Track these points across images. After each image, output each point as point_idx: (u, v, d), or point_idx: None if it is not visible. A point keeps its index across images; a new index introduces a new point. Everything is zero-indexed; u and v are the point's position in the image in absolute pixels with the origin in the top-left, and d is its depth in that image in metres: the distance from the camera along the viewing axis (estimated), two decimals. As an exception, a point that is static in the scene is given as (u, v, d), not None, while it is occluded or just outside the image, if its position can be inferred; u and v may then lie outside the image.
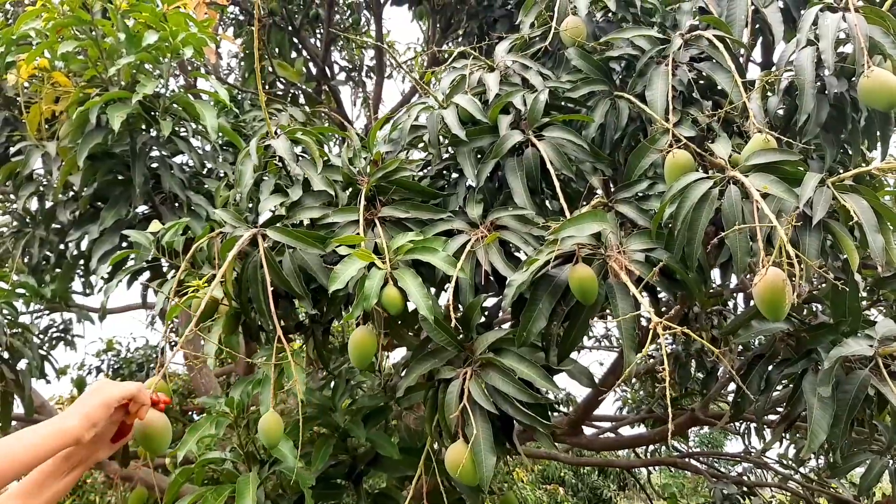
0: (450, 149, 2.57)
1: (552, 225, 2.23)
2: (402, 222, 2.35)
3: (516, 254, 2.32)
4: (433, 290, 2.36)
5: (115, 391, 1.47)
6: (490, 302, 2.43)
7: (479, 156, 2.46)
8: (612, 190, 2.40)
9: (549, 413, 2.14)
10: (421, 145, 2.75)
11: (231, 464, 2.55)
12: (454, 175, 2.64)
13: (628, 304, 1.99)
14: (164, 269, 3.60)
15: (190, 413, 6.05)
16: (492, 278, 2.18)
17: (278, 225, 2.29)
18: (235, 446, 2.57)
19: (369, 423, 2.63)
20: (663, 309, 3.13)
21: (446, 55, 4.05)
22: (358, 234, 2.20)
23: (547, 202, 2.55)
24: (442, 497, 2.34)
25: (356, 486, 2.64)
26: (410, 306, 2.15)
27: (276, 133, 2.53)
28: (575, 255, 2.02)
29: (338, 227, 2.32)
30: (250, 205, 2.50)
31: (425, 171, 2.68)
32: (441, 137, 2.54)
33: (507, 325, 2.43)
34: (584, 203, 2.41)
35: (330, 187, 2.39)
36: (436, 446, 2.32)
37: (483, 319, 2.36)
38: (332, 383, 2.85)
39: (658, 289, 2.37)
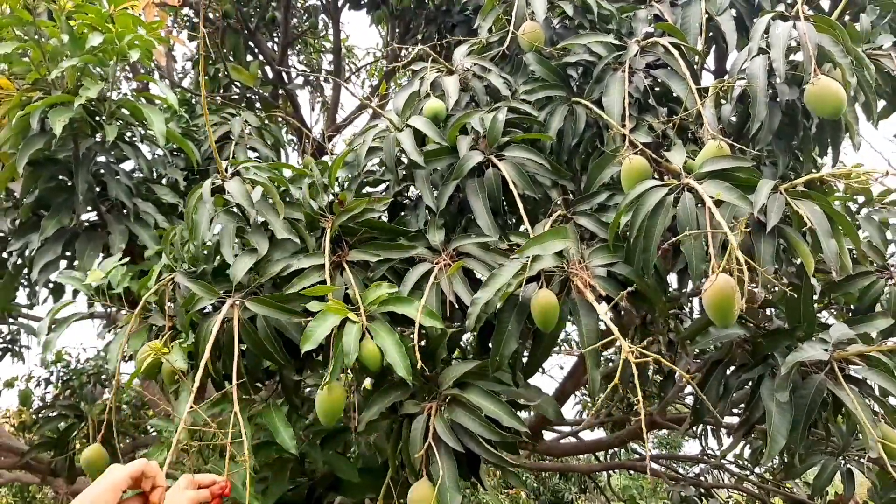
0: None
1: (514, 240, 2.20)
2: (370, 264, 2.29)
3: (480, 279, 2.27)
4: (404, 329, 2.30)
5: (122, 471, 1.45)
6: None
7: (441, 176, 2.42)
8: (571, 200, 2.38)
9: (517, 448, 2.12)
10: (377, 161, 2.68)
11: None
12: (415, 193, 2.58)
13: (592, 320, 1.99)
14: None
15: (143, 426, 5.89)
16: (457, 307, 2.14)
17: (255, 295, 2.20)
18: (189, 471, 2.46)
19: (327, 445, 2.55)
20: (622, 312, 3.14)
21: (405, 60, 4.00)
22: (324, 280, 2.12)
23: (508, 219, 2.51)
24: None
25: (315, 509, 2.56)
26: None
27: (227, 172, 2.36)
28: (539, 273, 2.00)
29: (304, 272, 2.21)
30: (206, 252, 2.36)
31: (384, 192, 2.61)
32: (398, 158, 2.48)
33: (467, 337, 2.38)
34: (543, 213, 2.39)
35: (295, 235, 2.27)
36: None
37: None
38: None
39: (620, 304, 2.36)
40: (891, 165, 2.55)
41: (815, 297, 2.27)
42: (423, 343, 2.01)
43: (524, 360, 2.20)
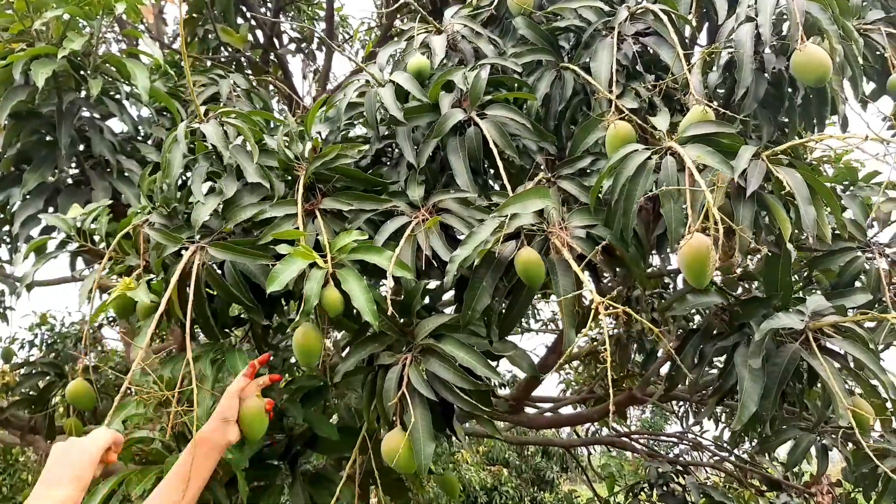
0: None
1: (495, 199, 2.19)
2: (344, 214, 2.25)
3: (459, 237, 2.25)
4: (378, 280, 2.29)
5: (97, 449, 1.53)
6: (432, 283, 2.38)
7: (423, 133, 2.40)
8: (555, 165, 2.38)
9: (491, 397, 2.12)
10: (360, 121, 2.65)
11: (160, 443, 2.44)
12: (396, 151, 2.55)
13: (570, 280, 1.98)
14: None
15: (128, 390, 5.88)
16: (434, 262, 2.13)
17: (219, 241, 2.17)
18: (164, 426, 2.47)
19: (307, 403, 2.55)
20: (601, 282, 3.14)
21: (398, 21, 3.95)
22: (297, 227, 2.10)
23: (490, 180, 2.50)
24: (377, 478, 2.31)
25: (292, 466, 2.57)
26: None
27: (205, 115, 2.36)
28: (518, 231, 1.99)
29: (276, 220, 2.19)
30: (180, 194, 2.34)
31: (365, 149, 2.59)
32: (380, 115, 2.45)
33: (449, 309, 2.37)
34: (528, 180, 2.38)
35: (265, 179, 2.24)
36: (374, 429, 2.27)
37: (426, 302, 2.31)
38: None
39: (599, 269, 2.36)
40: (869, 127, 2.55)
41: (794, 267, 2.28)
42: (398, 295, 2.01)
43: (500, 317, 2.19)
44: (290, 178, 2.33)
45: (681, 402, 5.94)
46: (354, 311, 1.96)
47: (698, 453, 6.39)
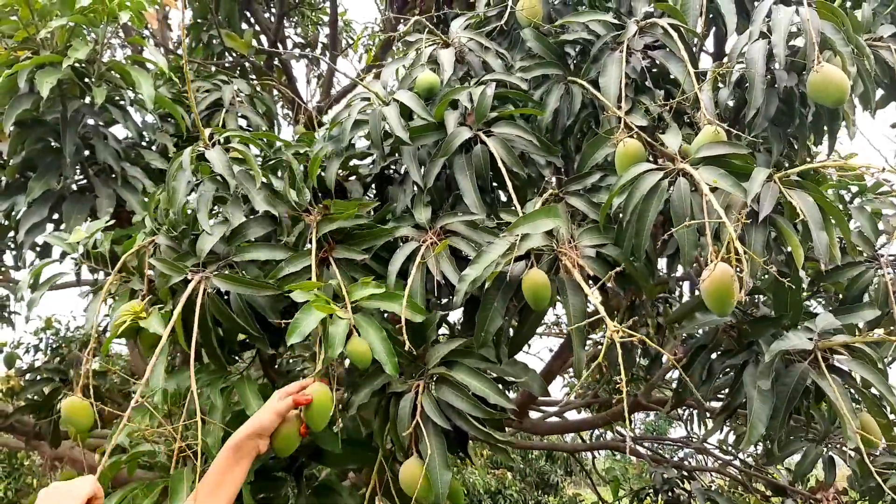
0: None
1: (504, 217, 2.18)
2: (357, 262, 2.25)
3: (466, 256, 2.23)
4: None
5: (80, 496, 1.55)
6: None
7: (428, 152, 2.38)
8: (564, 180, 2.36)
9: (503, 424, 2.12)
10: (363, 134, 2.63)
11: (165, 456, 2.43)
12: (403, 168, 2.53)
13: (580, 299, 1.97)
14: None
15: (130, 393, 5.88)
16: (443, 283, 2.12)
17: (226, 268, 2.18)
18: (169, 438, 2.46)
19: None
20: (609, 294, 3.12)
21: (401, 31, 3.95)
22: (311, 279, 2.09)
23: (498, 193, 2.48)
24: (390, 487, 2.30)
25: (297, 478, 2.56)
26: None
27: (210, 140, 2.34)
28: (528, 251, 1.98)
29: (286, 264, 2.18)
30: (184, 219, 2.33)
31: (370, 167, 2.57)
32: (385, 134, 2.42)
33: (455, 315, 2.36)
34: (535, 192, 2.36)
35: (272, 207, 2.24)
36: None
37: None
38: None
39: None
40: (887, 162, 2.53)
41: (804, 286, 2.26)
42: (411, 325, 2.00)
43: (509, 337, 2.19)
44: (298, 220, 2.32)
45: (685, 407, 5.92)
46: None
47: (703, 457, 6.38)
